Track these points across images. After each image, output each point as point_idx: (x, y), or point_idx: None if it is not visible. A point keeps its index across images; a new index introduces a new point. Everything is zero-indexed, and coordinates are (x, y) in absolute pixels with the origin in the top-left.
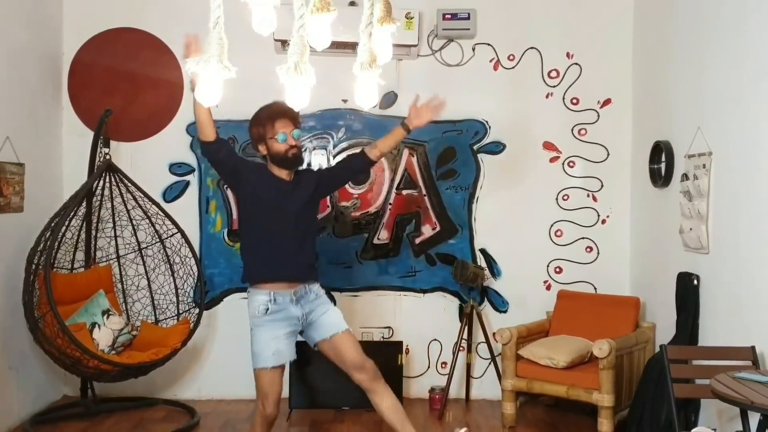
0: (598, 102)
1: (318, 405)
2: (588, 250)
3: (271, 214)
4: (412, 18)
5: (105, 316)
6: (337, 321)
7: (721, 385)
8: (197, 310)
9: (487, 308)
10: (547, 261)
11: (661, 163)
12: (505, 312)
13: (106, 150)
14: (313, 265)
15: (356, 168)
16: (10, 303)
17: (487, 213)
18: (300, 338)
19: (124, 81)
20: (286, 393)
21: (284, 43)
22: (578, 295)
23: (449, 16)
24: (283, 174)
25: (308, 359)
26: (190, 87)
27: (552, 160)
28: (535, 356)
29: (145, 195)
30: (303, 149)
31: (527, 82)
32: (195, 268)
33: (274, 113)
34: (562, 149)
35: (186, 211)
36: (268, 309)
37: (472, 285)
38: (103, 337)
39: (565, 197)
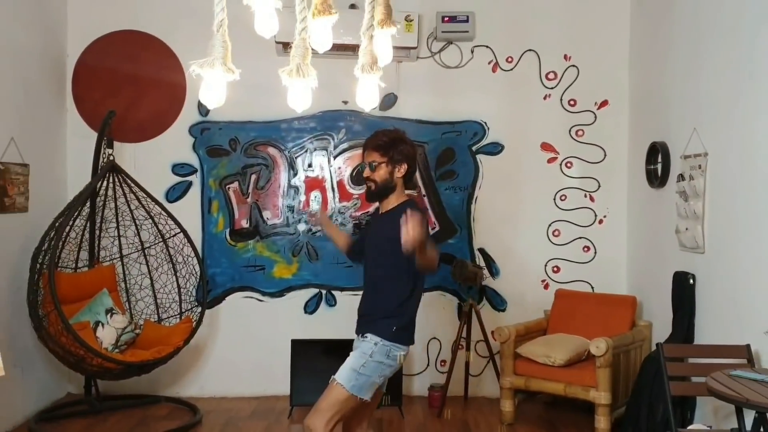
0: (595, 103)
1: None
2: (585, 249)
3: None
4: (411, 21)
5: (108, 315)
6: (342, 369)
7: (717, 382)
8: (199, 309)
9: (485, 307)
10: (545, 260)
11: (657, 164)
12: (503, 311)
13: (110, 151)
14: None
15: None
16: (15, 302)
17: (485, 213)
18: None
19: (127, 83)
20: (287, 391)
21: (286, 45)
22: (576, 294)
23: (448, 19)
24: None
25: (309, 356)
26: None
27: (550, 160)
28: (533, 354)
29: (148, 195)
30: (375, 185)
31: (525, 84)
32: (197, 268)
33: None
34: (559, 150)
35: (188, 211)
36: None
37: (470, 284)
38: (106, 336)
39: (563, 197)
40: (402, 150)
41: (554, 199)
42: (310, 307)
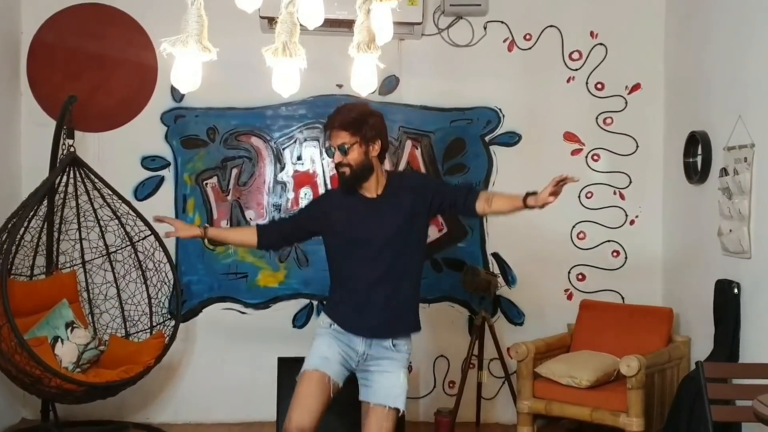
0: (626, 87)
1: None
2: (614, 254)
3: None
4: None
5: (69, 329)
6: (391, 393)
7: (765, 407)
8: (173, 323)
9: (500, 320)
10: (568, 267)
11: (696, 157)
12: (520, 324)
13: (70, 141)
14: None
15: (460, 210)
16: None
17: None
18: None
19: (90, 64)
20: (273, 416)
21: (271, 20)
22: (603, 306)
23: None
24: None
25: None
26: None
27: (574, 152)
28: (554, 374)
29: (114, 192)
30: (350, 169)
31: (546, 65)
32: (170, 275)
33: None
34: (585, 141)
35: (160, 210)
36: (332, 324)
37: (483, 294)
38: (66, 353)
39: (589, 195)
40: (373, 125)
41: (579, 196)
42: (300, 321)
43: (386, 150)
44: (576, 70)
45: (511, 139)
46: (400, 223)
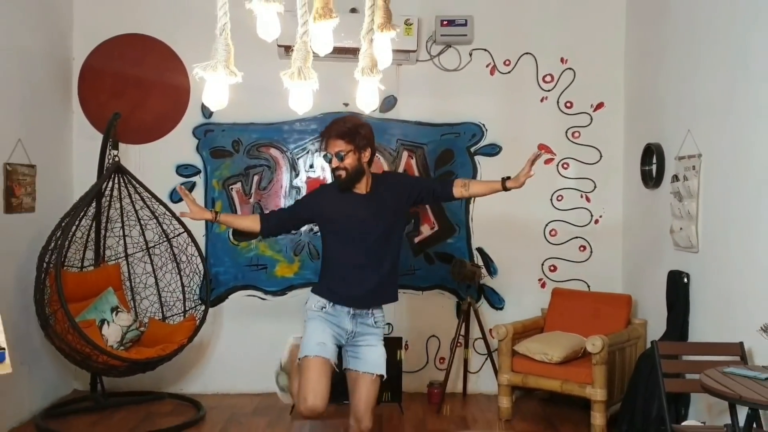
0: (591, 106)
1: None
2: (581, 249)
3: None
4: (411, 24)
5: (114, 313)
6: (377, 363)
7: (711, 379)
8: (203, 307)
9: (483, 305)
10: (541, 260)
11: (652, 165)
12: (501, 309)
13: (115, 152)
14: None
15: (439, 196)
16: (22, 301)
17: (483, 213)
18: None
19: (132, 85)
20: None
21: (288, 48)
22: (572, 293)
23: (447, 23)
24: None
25: None
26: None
27: (546, 162)
28: (530, 352)
29: (153, 195)
30: (347, 173)
31: (523, 87)
32: (201, 267)
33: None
34: (556, 151)
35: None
36: (324, 307)
37: (469, 283)
38: (111, 334)
39: (560, 198)
40: (365, 135)
41: (551, 199)
42: None
43: (374, 155)
44: (548, 90)
45: (493, 150)
46: (384, 215)
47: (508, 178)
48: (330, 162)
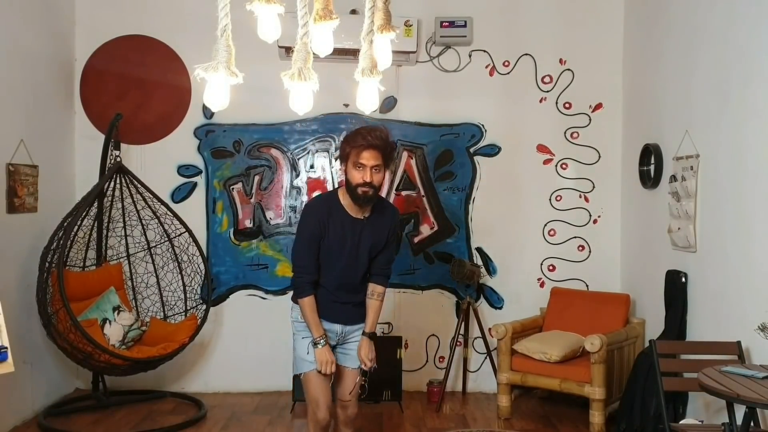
0: (590, 106)
1: None
2: (580, 248)
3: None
4: (411, 26)
5: (116, 312)
6: (360, 357)
7: (708, 378)
8: (204, 307)
9: (483, 305)
10: (540, 259)
11: (650, 165)
12: (500, 308)
13: (117, 152)
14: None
15: (371, 267)
16: (25, 300)
17: (483, 213)
18: None
19: (134, 86)
20: (289, 386)
21: (288, 49)
22: (571, 292)
23: (447, 24)
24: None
25: None
26: None
27: (545, 162)
28: (529, 351)
29: (154, 196)
30: (373, 191)
31: (522, 87)
32: (202, 266)
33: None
34: (555, 152)
35: (193, 211)
36: None
37: (468, 282)
38: (113, 333)
39: (558, 198)
40: (393, 155)
41: (550, 199)
42: None
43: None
44: (547, 91)
45: (492, 150)
46: (373, 246)
47: (373, 333)
48: (363, 175)
